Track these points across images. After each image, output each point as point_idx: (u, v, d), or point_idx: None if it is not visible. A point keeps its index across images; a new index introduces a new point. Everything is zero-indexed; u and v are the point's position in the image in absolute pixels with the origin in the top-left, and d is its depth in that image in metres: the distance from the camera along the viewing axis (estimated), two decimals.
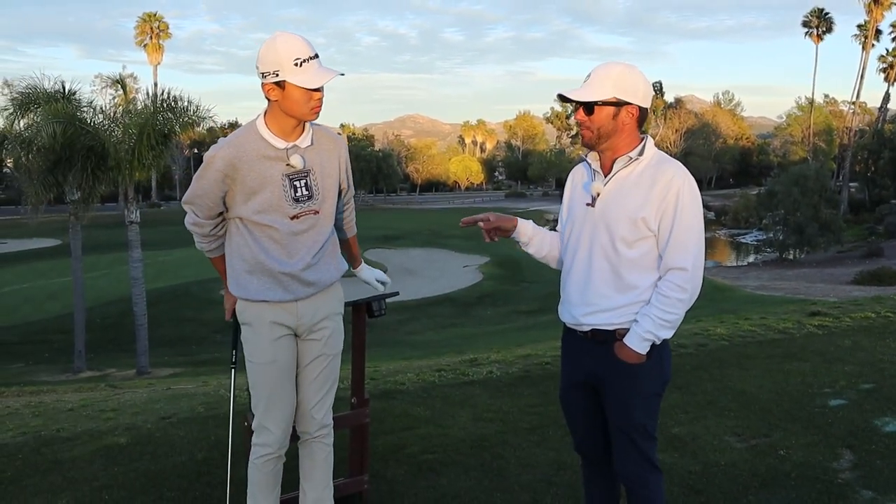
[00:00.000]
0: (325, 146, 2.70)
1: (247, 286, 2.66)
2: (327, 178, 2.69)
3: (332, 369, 2.84)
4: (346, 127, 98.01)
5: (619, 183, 2.44)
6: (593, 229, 2.47)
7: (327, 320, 2.78)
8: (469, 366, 5.75)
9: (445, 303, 28.89)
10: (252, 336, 2.71)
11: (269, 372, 2.70)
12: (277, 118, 2.56)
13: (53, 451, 4.10)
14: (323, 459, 2.89)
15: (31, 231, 48.38)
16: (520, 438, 4.11)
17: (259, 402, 2.74)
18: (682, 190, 2.37)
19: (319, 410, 2.82)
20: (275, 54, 2.44)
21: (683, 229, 2.37)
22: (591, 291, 2.48)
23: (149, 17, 54.57)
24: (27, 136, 18.02)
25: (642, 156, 2.43)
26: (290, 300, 2.67)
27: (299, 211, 2.63)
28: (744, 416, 4.48)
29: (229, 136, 2.62)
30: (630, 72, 2.39)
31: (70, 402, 5.39)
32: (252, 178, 2.55)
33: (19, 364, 19.13)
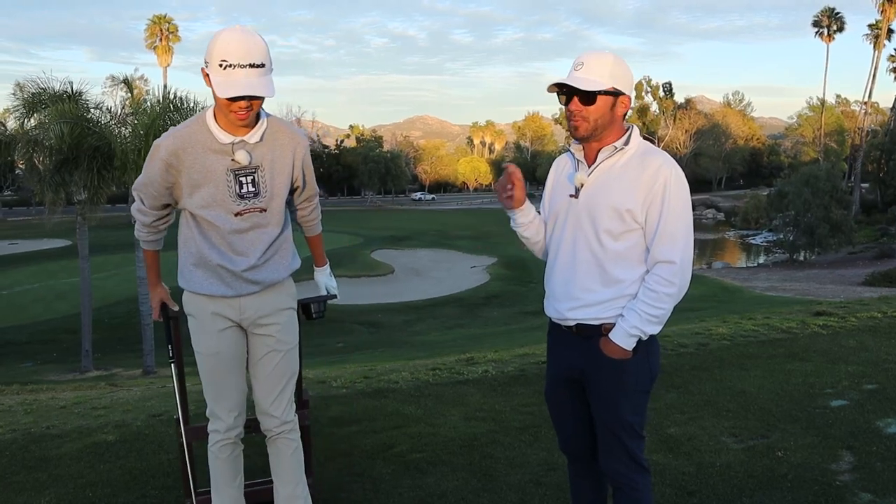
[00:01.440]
0: (280, 142, 2.59)
1: (191, 278, 2.63)
2: (277, 176, 2.60)
3: (286, 364, 2.76)
4: (354, 128, 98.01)
5: (603, 173, 2.37)
6: (577, 222, 2.40)
7: (275, 315, 2.71)
8: (465, 365, 5.69)
9: (452, 303, 28.85)
10: (197, 327, 2.68)
11: (214, 362, 2.68)
12: (222, 111, 2.47)
13: (41, 448, 4.07)
14: (290, 455, 2.83)
15: (42, 232, 48.72)
16: (511, 438, 4.04)
17: (208, 391, 2.73)
18: (670, 180, 2.30)
19: (278, 407, 2.76)
20: (212, 46, 2.33)
21: (671, 221, 2.29)
22: (576, 286, 2.41)
23: (158, 19, 54.77)
24: (34, 136, 18.12)
25: (628, 145, 2.36)
26: (233, 296, 2.62)
27: (244, 208, 2.55)
28: (742, 416, 4.40)
29: (178, 125, 2.56)
30: (621, 61, 2.32)
31: (64, 399, 5.37)
32: (196, 171, 2.49)
33: (28, 363, 19.21)
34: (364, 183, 79.80)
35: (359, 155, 79.03)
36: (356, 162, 78.21)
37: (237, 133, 2.49)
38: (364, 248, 41.42)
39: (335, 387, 5.11)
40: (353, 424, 4.30)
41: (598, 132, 2.33)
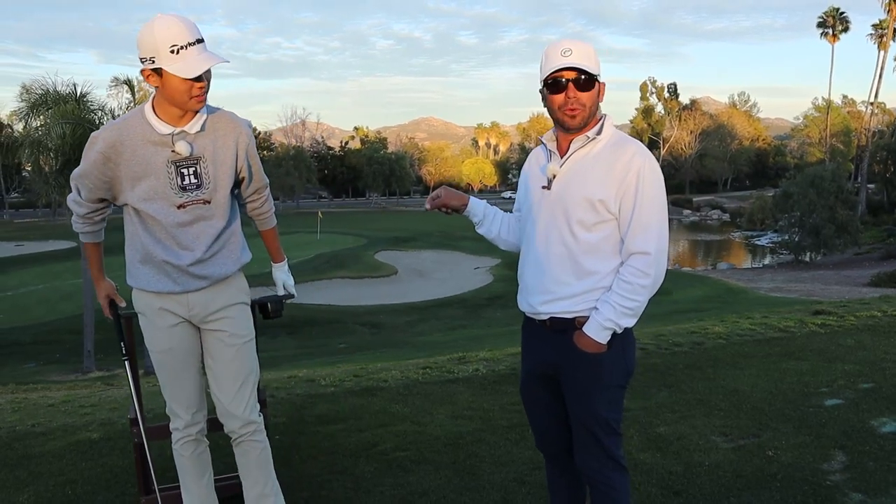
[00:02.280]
0: (222, 132, 2.53)
1: (137, 275, 2.59)
2: (220, 167, 2.53)
3: (242, 359, 2.69)
4: (359, 129, 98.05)
5: (576, 164, 2.32)
6: (550, 213, 2.35)
7: (226, 310, 2.65)
8: (456, 363, 5.65)
9: (455, 304, 28.78)
10: (147, 325, 2.63)
11: (167, 359, 2.64)
12: (163, 104, 2.42)
13: (25, 445, 4.05)
14: (257, 457, 2.76)
15: (47, 233, 48.97)
16: (497, 437, 3.99)
17: (165, 389, 2.70)
18: (644, 170, 2.25)
19: (238, 406, 2.68)
20: (151, 39, 2.28)
21: (645, 212, 2.24)
22: (549, 278, 2.36)
23: None
24: (38, 137, 18.18)
25: (600, 135, 2.31)
26: (181, 292, 2.57)
27: (186, 200, 2.49)
28: (734, 415, 4.34)
29: (117, 119, 2.51)
30: (593, 49, 2.28)
31: (53, 398, 5.34)
32: (136, 164, 2.44)
33: (31, 364, 19.25)
34: (368, 184, 79.83)
35: (363, 156, 79.07)
36: (361, 163, 78.24)
37: (177, 124, 2.44)
38: (368, 249, 41.41)
39: (323, 385, 5.07)
40: (339, 423, 4.25)
41: (588, 120, 2.29)
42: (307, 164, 70.85)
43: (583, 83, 2.24)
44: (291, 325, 23.29)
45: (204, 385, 2.76)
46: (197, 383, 2.72)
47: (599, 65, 2.28)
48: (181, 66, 2.28)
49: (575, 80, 2.23)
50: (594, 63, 2.24)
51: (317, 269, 34.65)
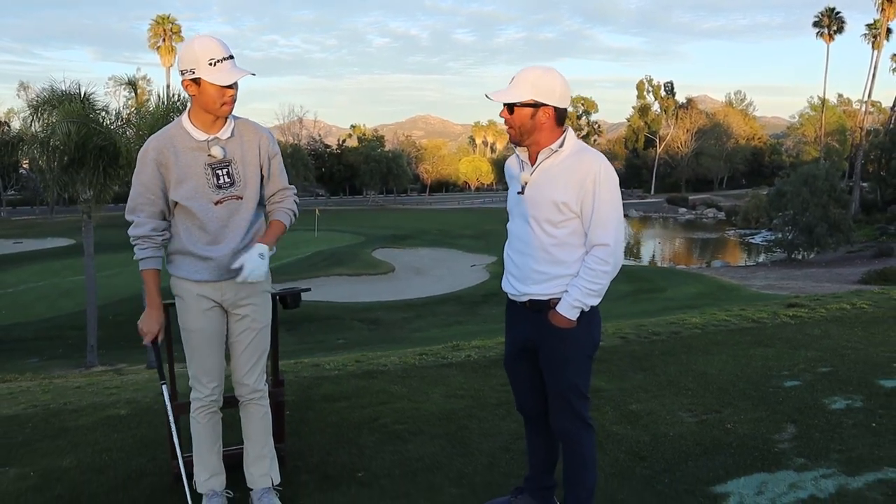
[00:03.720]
0: (247, 137, 2.99)
1: (178, 265, 3.01)
2: (249, 167, 2.98)
3: (259, 341, 3.14)
4: (356, 128, 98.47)
5: (543, 172, 2.79)
6: (525, 213, 2.83)
7: (252, 297, 3.08)
8: (450, 350, 6.10)
9: (451, 301, 29.22)
10: (183, 307, 3.06)
11: (197, 338, 3.06)
12: (198, 113, 2.89)
13: (61, 420, 4.50)
14: (259, 419, 3.22)
15: (46, 231, 49.32)
16: (486, 412, 4.45)
17: (191, 363, 3.11)
18: (599, 175, 2.70)
19: (250, 376, 3.14)
20: (192, 54, 2.76)
21: (602, 210, 2.71)
22: (527, 267, 2.84)
23: (162, 19, 55.23)
24: (43, 136, 18.55)
25: (563, 147, 2.77)
26: (216, 280, 2.99)
27: (222, 197, 2.94)
28: (700, 394, 4.79)
29: (158, 132, 2.95)
30: (547, 75, 2.72)
31: (77, 382, 5.80)
32: (179, 167, 2.88)
33: (34, 359, 19.61)
34: (366, 182, 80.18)
35: (360, 154, 79.38)
36: (358, 161, 78.56)
37: (210, 131, 2.90)
38: (365, 246, 41.83)
39: (328, 369, 5.52)
40: (343, 401, 4.71)
41: (524, 136, 2.76)
42: (304, 162, 71.14)
43: (508, 107, 2.73)
44: (290, 322, 23.68)
45: (224, 363, 3.19)
46: (220, 360, 3.16)
47: (545, 91, 2.70)
48: (217, 76, 2.77)
49: (506, 106, 2.73)
50: (526, 91, 2.68)
51: (315, 267, 35.05)
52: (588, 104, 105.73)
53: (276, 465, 3.29)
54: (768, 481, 3.54)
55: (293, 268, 34.22)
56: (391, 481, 3.52)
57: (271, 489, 3.23)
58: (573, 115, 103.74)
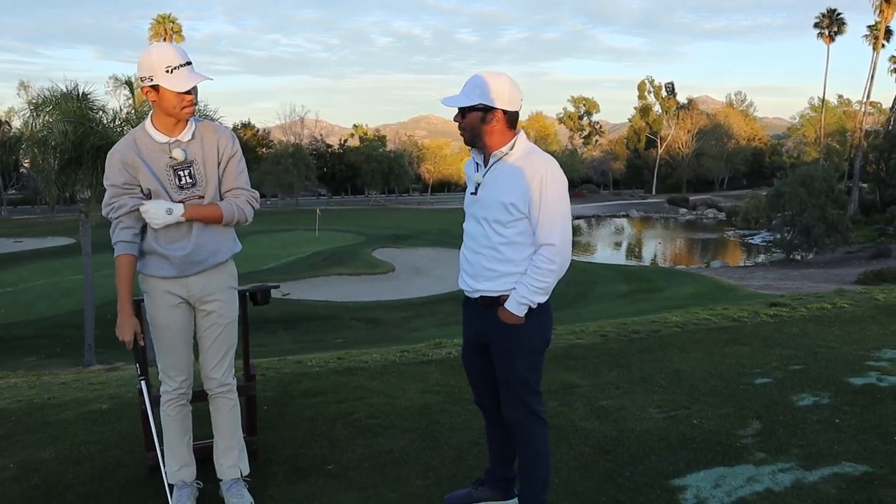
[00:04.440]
0: (207, 138, 3.10)
1: (146, 263, 3.12)
2: (209, 167, 3.09)
3: (226, 336, 3.25)
4: (358, 127, 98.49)
5: (494, 174, 2.89)
6: (477, 213, 2.94)
7: (217, 293, 3.18)
8: (432, 348, 6.20)
9: (450, 300, 29.28)
10: (151, 303, 3.17)
11: (165, 333, 3.17)
12: (160, 117, 3.01)
13: (43, 414, 4.61)
14: (227, 412, 3.33)
15: (46, 230, 49.49)
16: (459, 408, 4.55)
17: (160, 358, 3.23)
18: (546, 177, 2.80)
19: (218, 370, 3.26)
20: (150, 62, 2.88)
21: (549, 211, 2.80)
22: (479, 265, 2.95)
23: (163, 18, 55.33)
24: (41, 135, 18.67)
25: (513, 150, 2.87)
26: (180, 276, 3.10)
27: (184, 196, 3.05)
28: (671, 391, 4.89)
29: (126, 134, 3.09)
30: (496, 79, 2.82)
31: (64, 378, 5.91)
32: (144, 168, 3.00)
33: (33, 358, 19.74)
34: (367, 182, 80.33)
35: (362, 154, 79.49)
36: (359, 161, 78.69)
37: (172, 133, 3.02)
38: (366, 246, 41.94)
39: (309, 366, 5.63)
40: (320, 396, 4.81)
41: (476, 139, 2.87)
42: (306, 161, 71.32)
43: (460, 111, 2.85)
44: (289, 321, 23.83)
45: (193, 357, 3.30)
46: (188, 354, 3.27)
47: (495, 95, 2.80)
48: (173, 82, 2.89)
49: (459, 110, 2.85)
50: (476, 96, 2.80)
51: (315, 266, 35.16)
52: (590, 104, 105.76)
53: (244, 457, 3.40)
54: (727, 475, 3.64)
55: (293, 267, 34.36)
56: (359, 473, 3.63)
57: (240, 480, 3.34)
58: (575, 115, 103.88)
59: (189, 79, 2.91)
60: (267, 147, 79.52)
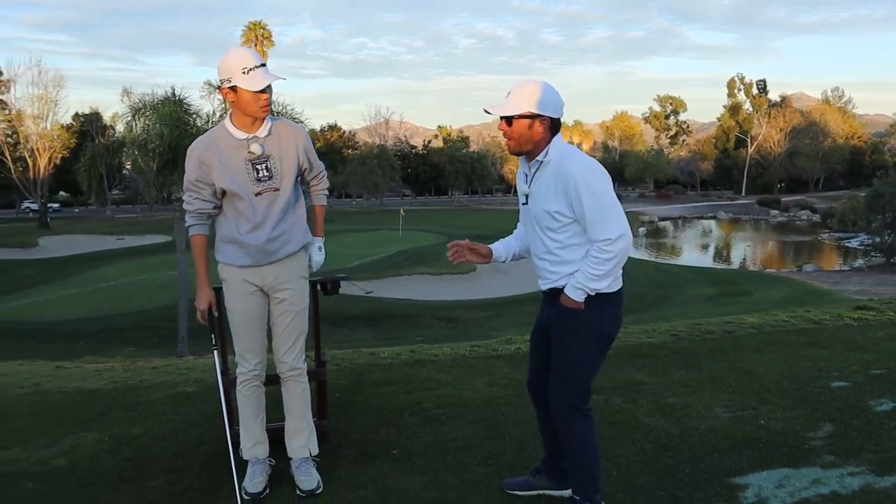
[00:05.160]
0: (284, 135, 3.32)
1: (224, 252, 3.37)
2: (286, 162, 3.31)
3: (297, 322, 3.46)
4: (442, 129, 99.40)
5: (537, 184, 3.01)
6: (530, 222, 3.09)
7: (290, 283, 3.40)
8: (503, 343, 6.31)
9: (532, 300, 29.20)
10: (229, 291, 3.41)
11: (241, 319, 3.40)
12: (238, 116, 3.24)
13: (135, 394, 4.99)
14: (298, 395, 3.53)
15: (145, 228, 51.99)
16: (524, 401, 4.60)
17: (237, 342, 3.45)
18: (578, 179, 2.86)
19: (289, 355, 3.47)
20: (228, 65, 3.11)
21: (592, 209, 2.87)
22: (543, 269, 3.10)
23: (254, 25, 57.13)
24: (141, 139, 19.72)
25: (547, 157, 2.96)
26: (256, 265, 3.33)
27: (261, 189, 3.27)
28: (740, 392, 4.83)
29: (205, 133, 3.32)
30: (542, 88, 2.92)
31: (155, 364, 6.33)
32: (222, 164, 3.23)
33: (131, 348, 20.85)
34: (450, 183, 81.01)
35: (445, 155, 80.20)
36: (443, 162, 79.43)
37: (250, 130, 3.24)
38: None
39: (382, 358, 5.84)
40: (391, 386, 5.00)
41: (522, 147, 2.97)
42: (390, 162, 72.48)
43: (507, 119, 2.93)
44: (371, 319, 24.32)
45: (266, 342, 3.51)
46: (262, 339, 3.49)
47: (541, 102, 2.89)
48: (250, 82, 3.12)
49: (505, 118, 2.94)
50: (523, 104, 2.89)
51: (397, 265, 35.71)
52: (676, 103, 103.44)
53: (314, 438, 3.60)
54: (791, 476, 3.59)
55: (377, 266, 35.01)
56: (423, 459, 3.78)
57: (309, 459, 3.53)
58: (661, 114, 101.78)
59: (263, 78, 3.13)
60: (353, 148, 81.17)
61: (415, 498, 3.35)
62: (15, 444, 4.16)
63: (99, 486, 3.55)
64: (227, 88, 3.15)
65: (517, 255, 3.37)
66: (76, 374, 5.90)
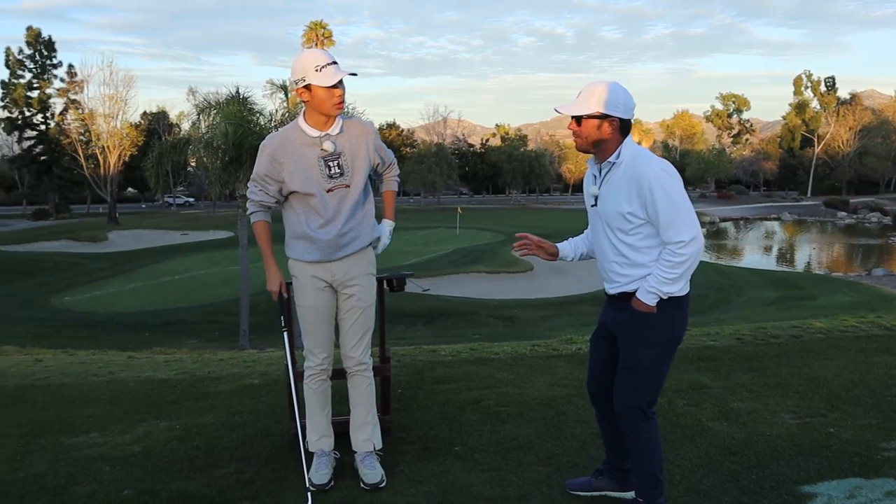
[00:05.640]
0: (355, 132, 3.40)
1: (294, 247, 3.45)
2: (357, 159, 3.38)
3: (365, 318, 3.53)
4: (500, 127, 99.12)
5: (607, 186, 2.99)
6: (600, 224, 3.07)
7: (358, 279, 3.47)
8: (563, 343, 6.29)
9: (589, 301, 28.94)
10: (299, 287, 3.49)
11: (310, 314, 3.49)
12: (312, 115, 3.32)
13: (204, 385, 5.15)
14: (364, 389, 3.60)
15: (208, 224, 53.27)
16: (585, 401, 4.55)
17: (306, 337, 3.53)
18: (651, 180, 2.84)
19: (356, 350, 3.54)
20: (300, 65, 3.20)
21: (664, 211, 2.85)
22: (609, 270, 3.08)
23: (315, 25, 57.88)
24: (206, 137, 20.24)
25: (619, 158, 2.94)
26: (325, 261, 3.40)
27: (333, 185, 3.35)
28: (808, 397, 4.72)
29: (279, 129, 3.41)
30: (613, 88, 2.91)
31: (222, 356, 6.50)
32: (295, 160, 3.31)
33: (194, 340, 21.40)
34: (508, 181, 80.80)
35: (503, 154, 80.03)
36: (501, 161, 79.27)
37: (323, 129, 3.32)
38: (505, 245, 42.09)
39: (443, 355, 5.88)
40: (452, 383, 5.04)
41: (590, 147, 2.96)
42: (448, 161, 72.68)
43: (576, 119, 2.94)
44: (428, 316, 24.43)
45: (334, 337, 3.59)
46: (330, 334, 3.58)
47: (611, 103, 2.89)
48: (323, 78, 3.20)
49: (574, 118, 2.94)
50: (592, 104, 2.88)
51: (454, 263, 35.79)
52: (740, 101, 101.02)
53: (378, 433, 3.66)
54: (863, 486, 3.49)
55: (434, 264, 35.16)
56: (485, 456, 3.80)
57: (373, 453, 3.60)
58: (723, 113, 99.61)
59: (336, 74, 3.21)
60: (411, 146, 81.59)
61: (477, 495, 3.37)
62: (93, 429, 4.35)
63: (171, 472, 3.68)
64: (301, 88, 3.24)
65: (584, 256, 3.37)
66: (147, 364, 6.11)
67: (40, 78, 61.71)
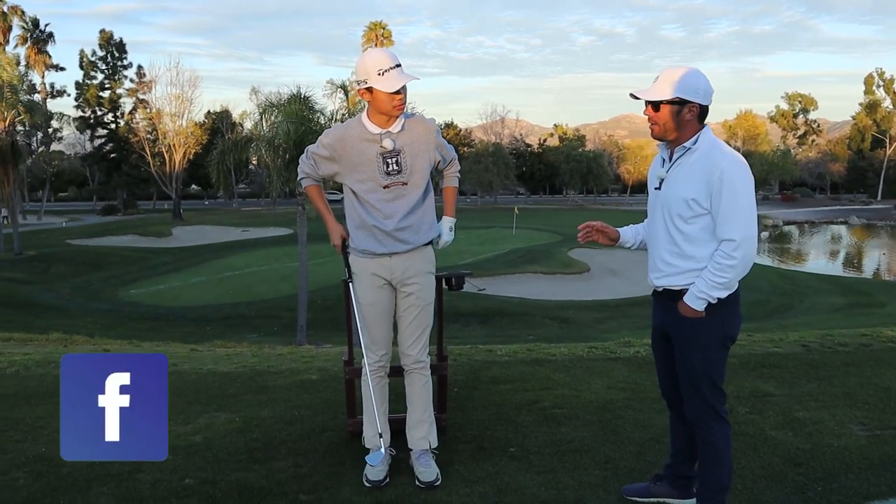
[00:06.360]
0: (417, 130, 3.42)
1: (355, 238, 3.49)
2: (417, 157, 3.40)
3: (423, 316, 3.54)
4: (558, 127, 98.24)
5: (677, 170, 2.92)
6: (659, 209, 2.99)
7: (417, 277, 3.48)
8: (620, 346, 6.20)
9: (646, 304, 28.24)
10: (359, 283, 3.52)
11: (369, 311, 3.52)
12: (374, 114, 3.35)
13: (263, 379, 5.25)
14: (421, 387, 3.61)
15: (268, 221, 54.31)
16: (643, 405, 4.55)
17: (364, 333, 3.55)
18: (726, 171, 2.78)
19: (414, 348, 3.57)
20: (364, 66, 3.23)
21: (729, 205, 2.78)
22: (660, 259, 3.01)
23: (374, 25, 58.50)
24: (268, 136, 20.65)
25: (696, 144, 2.87)
26: (385, 254, 3.42)
27: (390, 182, 3.37)
28: (878, 409, 4.55)
29: (342, 122, 3.47)
30: (692, 74, 2.84)
31: (281, 351, 6.61)
32: (354, 155, 3.36)
33: (254, 335, 21.84)
34: (565, 182, 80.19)
35: (561, 154, 79.47)
36: (558, 161, 78.73)
37: (384, 126, 3.35)
38: (562, 245, 41.85)
39: (499, 355, 5.87)
40: (508, 384, 5.02)
41: (668, 133, 2.89)
42: (505, 160, 72.49)
43: (653, 105, 2.87)
44: (483, 315, 24.42)
45: (392, 334, 3.61)
46: (388, 331, 3.60)
47: (690, 88, 2.82)
48: (386, 83, 3.22)
49: (651, 103, 2.87)
50: (669, 89, 2.81)
51: (510, 264, 35.70)
52: (806, 101, 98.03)
53: (434, 431, 3.66)
54: None
55: (491, 264, 35.12)
56: (540, 458, 3.77)
57: (429, 451, 3.60)
58: (789, 113, 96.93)
59: (398, 79, 3.23)
60: (468, 146, 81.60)
61: (532, 497, 3.35)
62: None
63: (231, 462, 3.75)
64: (363, 89, 3.27)
65: (644, 244, 3.28)
66: (209, 357, 6.26)
67: (111, 78, 63.93)
